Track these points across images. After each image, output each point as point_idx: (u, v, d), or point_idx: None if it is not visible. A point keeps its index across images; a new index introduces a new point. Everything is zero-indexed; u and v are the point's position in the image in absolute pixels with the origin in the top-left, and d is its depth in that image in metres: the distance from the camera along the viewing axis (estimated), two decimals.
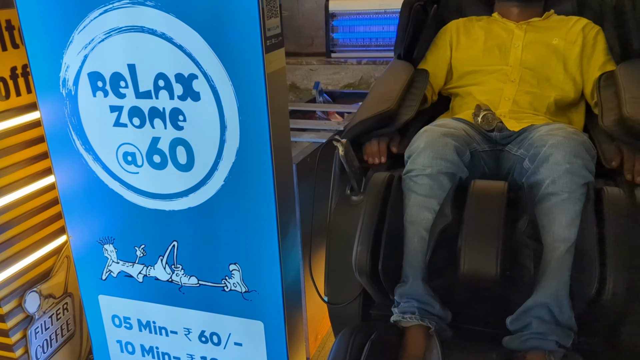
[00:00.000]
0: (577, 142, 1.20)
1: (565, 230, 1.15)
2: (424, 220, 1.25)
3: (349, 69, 3.14)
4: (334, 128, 1.79)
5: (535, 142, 1.27)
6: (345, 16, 3.11)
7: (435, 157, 1.27)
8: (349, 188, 1.45)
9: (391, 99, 1.51)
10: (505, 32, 1.71)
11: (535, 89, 1.57)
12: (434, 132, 1.32)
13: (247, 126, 1.24)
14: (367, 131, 1.46)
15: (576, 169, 1.17)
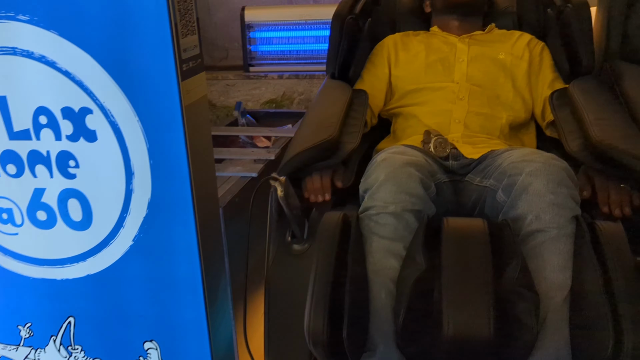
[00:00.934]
0: (559, 168, 1.04)
1: (559, 274, 0.98)
2: (390, 269, 1.03)
3: (269, 83, 2.91)
4: (264, 157, 1.56)
5: (508, 170, 1.10)
6: (263, 27, 2.88)
7: (399, 191, 1.07)
8: (289, 234, 1.21)
9: (331, 126, 1.30)
10: (447, 46, 1.56)
11: (485, 109, 1.42)
12: (394, 161, 1.11)
13: (161, 171, 0.98)
14: (307, 164, 1.24)
15: (562, 199, 1.01)
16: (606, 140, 1.12)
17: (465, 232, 1.00)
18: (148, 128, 0.94)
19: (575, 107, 1.31)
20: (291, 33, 2.89)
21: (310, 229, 1.19)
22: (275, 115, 2.11)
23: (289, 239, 1.20)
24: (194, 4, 0.94)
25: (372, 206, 1.08)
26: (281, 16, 2.85)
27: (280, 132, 1.79)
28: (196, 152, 0.97)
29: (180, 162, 0.96)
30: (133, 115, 0.94)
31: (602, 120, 1.20)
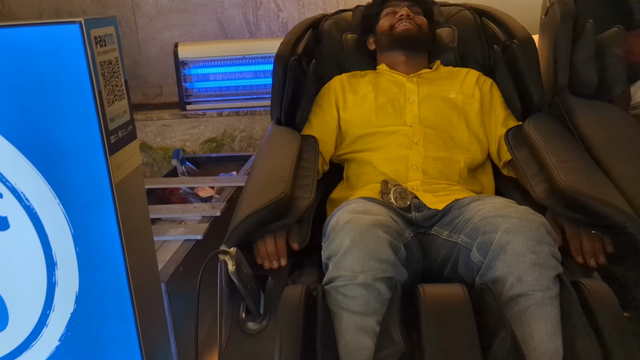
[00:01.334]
0: (537, 224, 0.97)
1: (549, 343, 0.89)
2: (365, 349, 0.92)
3: (208, 122, 2.77)
4: (209, 214, 1.42)
5: (481, 226, 1.01)
6: (199, 63, 2.75)
7: (368, 257, 0.96)
8: (243, 310, 1.08)
9: (283, 181, 1.19)
10: (396, 87, 1.49)
11: (442, 153, 1.35)
12: (359, 223, 1.00)
13: (90, 260, 0.83)
14: (258, 227, 1.11)
15: (543, 259, 0.93)
16: (575, 185, 1.07)
17: (445, 304, 0.90)
18: (72, 212, 0.80)
19: (534, 148, 1.26)
20: (228, 69, 2.78)
21: (267, 302, 1.06)
22: (217, 160, 1.98)
23: (243, 316, 1.07)
24: (120, 65, 0.81)
25: (338, 276, 0.97)
26: (216, 52, 2.74)
27: (224, 182, 1.66)
28: (131, 235, 0.84)
29: (112, 248, 0.82)
30: (53, 197, 0.79)
31: (566, 163, 1.15)
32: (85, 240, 0.82)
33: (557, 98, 1.50)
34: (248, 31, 3.10)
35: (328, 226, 1.13)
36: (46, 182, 0.79)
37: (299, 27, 1.67)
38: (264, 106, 2.76)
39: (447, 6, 1.76)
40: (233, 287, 1.06)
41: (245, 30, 3.10)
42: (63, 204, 0.80)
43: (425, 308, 0.89)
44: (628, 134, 1.26)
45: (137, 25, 3.06)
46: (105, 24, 0.77)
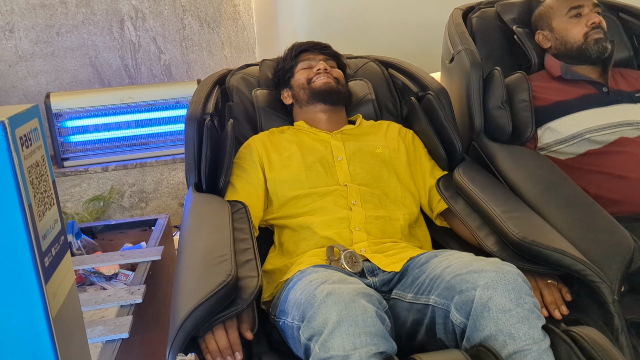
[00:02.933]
0: (514, 275, 0.94)
1: None
2: None
3: (92, 178, 2.49)
4: (129, 302, 1.23)
5: (455, 285, 0.97)
6: (75, 114, 2.47)
7: (358, 332, 0.87)
8: None
9: (226, 260, 1.05)
10: (321, 144, 1.43)
11: (381, 212, 1.31)
12: (342, 294, 0.91)
13: None
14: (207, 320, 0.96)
15: (529, 310, 0.91)
16: (528, 237, 1.08)
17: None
18: None
19: (472, 199, 1.27)
20: (109, 118, 2.54)
21: None
22: (116, 228, 1.76)
23: None
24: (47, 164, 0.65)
25: (328, 357, 0.86)
26: (95, 101, 2.49)
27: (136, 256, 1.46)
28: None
29: None
30: None
31: (510, 213, 1.17)
32: None
33: (474, 143, 1.54)
34: (127, 75, 2.88)
35: (287, 301, 1.02)
36: None
37: (206, 84, 1.56)
38: (154, 156, 2.56)
39: (353, 58, 1.76)
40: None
41: (124, 74, 2.87)
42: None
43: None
44: (553, 179, 1.32)
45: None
46: (29, 117, 0.61)
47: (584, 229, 1.14)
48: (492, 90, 1.53)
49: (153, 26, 2.83)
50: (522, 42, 1.66)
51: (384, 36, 2.36)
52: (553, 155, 1.53)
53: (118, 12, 2.77)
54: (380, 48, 2.01)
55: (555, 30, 1.62)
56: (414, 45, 2.28)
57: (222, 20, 2.93)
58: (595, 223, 1.16)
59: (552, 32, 1.62)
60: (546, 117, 1.53)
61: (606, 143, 1.46)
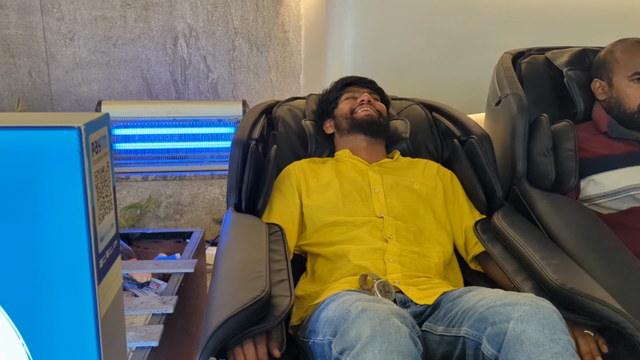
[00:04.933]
0: (550, 310, 0.93)
1: None
2: None
3: (132, 186, 2.56)
4: (160, 311, 1.25)
5: (489, 316, 0.96)
6: (123, 123, 2.56)
7: (391, 350, 0.86)
8: None
9: (261, 276, 1.07)
10: (359, 175, 1.45)
11: (415, 247, 1.31)
12: (377, 312, 0.91)
13: None
14: (237, 332, 0.97)
15: (563, 347, 0.89)
16: (567, 284, 1.06)
17: None
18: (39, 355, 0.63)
19: (511, 243, 1.26)
20: (155, 130, 2.61)
21: None
22: (152, 237, 1.79)
23: None
24: (111, 170, 0.68)
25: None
26: (144, 112, 2.57)
27: (170, 267, 1.49)
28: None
29: None
30: (16, 337, 0.62)
31: (550, 260, 1.15)
32: None
33: (515, 188, 1.53)
34: (175, 90, 2.97)
35: (319, 320, 1.03)
36: (8, 317, 0.62)
37: (254, 111, 1.63)
38: (193, 170, 2.62)
39: (397, 100, 1.80)
40: None
41: (172, 89, 2.96)
42: (29, 346, 0.63)
43: None
44: (594, 230, 1.30)
45: (51, 77, 2.81)
46: (100, 125, 0.65)
47: (624, 282, 1.12)
48: (537, 137, 1.52)
49: (205, 45, 2.92)
50: (570, 87, 1.65)
51: (431, 76, 2.39)
52: (595, 208, 1.50)
53: (173, 29, 2.87)
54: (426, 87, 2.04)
55: (614, 87, 1.56)
56: (460, 86, 2.30)
57: (271, 45, 3.00)
58: (635, 277, 1.14)
59: (611, 88, 1.57)
60: (590, 169, 1.51)
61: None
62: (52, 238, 0.60)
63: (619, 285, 1.12)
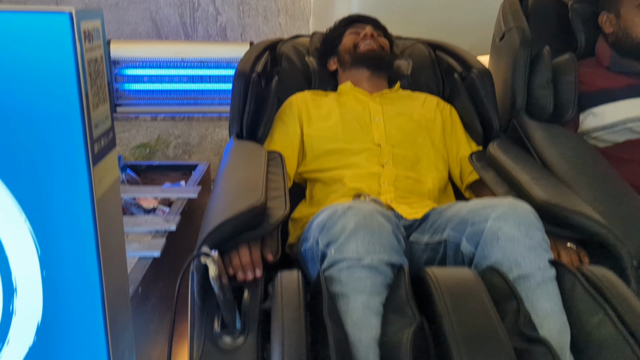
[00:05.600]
0: (526, 210, 0.97)
1: (556, 320, 0.87)
2: (373, 328, 0.86)
3: (141, 125, 2.60)
4: (163, 229, 1.31)
5: (469, 218, 1.00)
6: (132, 63, 2.58)
7: (373, 241, 0.92)
8: (218, 324, 0.98)
9: (257, 189, 1.11)
10: (360, 105, 1.48)
11: (411, 173, 1.34)
12: (361, 209, 0.96)
13: (58, 285, 0.72)
14: (233, 235, 1.02)
15: (537, 242, 0.93)
16: (552, 199, 1.09)
17: (457, 281, 0.88)
18: (41, 231, 0.69)
19: (503, 168, 1.28)
20: (163, 71, 2.63)
21: (244, 316, 0.98)
22: (159, 169, 1.85)
23: (217, 330, 0.97)
24: (104, 64, 0.71)
25: (342, 259, 0.91)
26: (153, 52, 2.58)
27: (174, 193, 1.54)
28: (108, 257, 0.73)
29: (87, 273, 0.71)
30: (18, 214, 0.68)
31: (538, 180, 1.18)
32: (54, 263, 0.70)
33: (514, 120, 1.54)
34: (184, 33, 2.97)
35: (310, 228, 1.08)
36: (11, 195, 0.67)
37: (257, 47, 1.66)
38: (201, 112, 2.65)
39: (402, 39, 1.80)
40: (206, 298, 0.98)
41: (181, 31, 2.96)
42: (30, 222, 0.68)
43: (436, 285, 0.87)
44: (587, 158, 1.32)
45: None
46: (92, 16, 0.68)
47: (611, 206, 1.14)
48: (538, 69, 1.52)
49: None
50: (574, 21, 1.64)
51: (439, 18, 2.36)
52: (592, 142, 1.52)
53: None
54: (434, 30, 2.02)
55: (621, 18, 1.54)
56: (466, 25, 2.27)
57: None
58: (623, 201, 1.16)
59: (618, 19, 1.55)
60: (590, 102, 1.51)
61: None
62: (49, 118, 0.64)
63: (608, 210, 1.14)
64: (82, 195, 0.68)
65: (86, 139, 0.66)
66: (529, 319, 0.86)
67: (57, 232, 0.69)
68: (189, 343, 0.95)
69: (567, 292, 0.91)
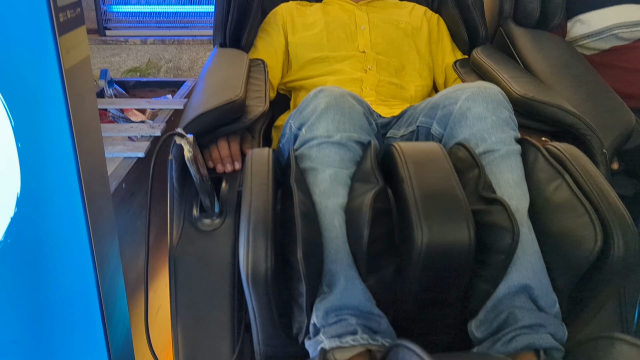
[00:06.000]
0: (495, 91, 0.98)
1: (516, 190, 0.89)
2: (340, 197, 0.88)
3: (131, 49, 2.58)
4: (148, 134, 1.33)
5: (440, 102, 1.02)
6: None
7: (343, 120, 0.93)
8: (197, 207, 1.02)
9: (236, 87, 1.12)
10: (345, 14, 1.46)
11: (394, 79, 1.35)
12: (333, 91, 0.97)
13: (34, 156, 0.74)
14: (211, 128, 1.04)
15: (504, 120, 0.94)
16: (528, 94, 1.09)
17: (421, 151, 0.90)
18: (12, 101, 0.70)
19: (485, 70, 1.29)
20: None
21: (222, 203, 1.01)
22: (147, 85, 1.85)
23: (196, 214, 1.01)
24: None
25: (312, 137, 0.93)
26: None
27: (160, 104, 1.55)
28: (81, 131, 0.75)
29: (61, 144, 0.73)
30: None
31: (517, 78, 1.18)
32: (28, 134, 0.72)
33: (501, 28, 1.53)
34: None
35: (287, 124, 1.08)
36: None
37: None
38: (192, 35, 2.61)
39: None
40: (185, 185, 1.01)
41: None
42: (2, 92, 0.70)
43: (400, 154, 0.89)
44: (569, 60, 1.31)
45: None
46: None
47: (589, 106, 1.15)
48: None
49: None
50: None
51: None
52: (579, 50, 1.51)
53: None
54: None
55: None
56: None
57: None
58: (601, 101, 1.17)
59: None
60: (578, 8, 1.49)
61: (633, 40, 1.43)
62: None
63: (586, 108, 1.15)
64: (50, 65, 0.69)
65: (49, 5, 0.66)
66: (489, 184, 0.88)
67: (29, 102, 0.71)
68: (169, 226, 0.99)
69: (530, 164, 0.92)
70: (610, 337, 0.66)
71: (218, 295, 0.93)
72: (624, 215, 0.79)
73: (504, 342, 0.81)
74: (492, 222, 0.83)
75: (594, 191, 0.82)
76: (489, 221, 0.83)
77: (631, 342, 0.63)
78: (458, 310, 0.86)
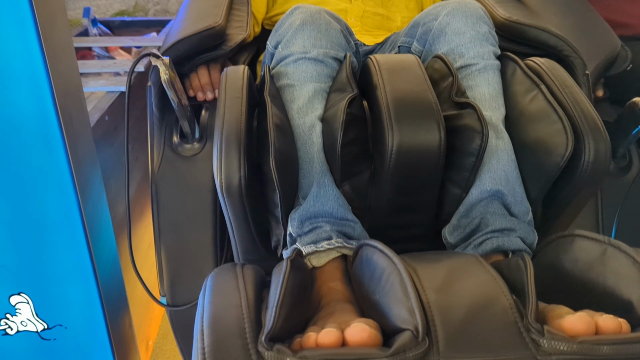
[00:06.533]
0: (476, 6, 0.96)
1: (492, 102, 0.89)
2: (316, 109, 0.88)
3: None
4: None
5: (420, 20, 1.00)
6: None
7: (320, 37, 0.91)
8: (177, 133, 1.02)
9: (217, 15, 1.10)
10: None
11: (380, 10, 1.32)
12: (309, 9, 0.95)
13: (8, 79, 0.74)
14: (190, 54, 1.03)
15: (483, 35, 0.93)
16: (512, 17, 1.08)
17: (396, 62, 0.89)
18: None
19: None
20: None
21: (202, 129, 1.02)
22: (132, 25, 1.81)
23: (176, 140, 1.02)
24: None
25: (289, 54, 0.91)
26: None
27: (144, 42, 1.53)
28: (54, 52, 0.75)
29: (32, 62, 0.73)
30: None
31: (503, 3, 1.16)
32: None
33: None
34: None
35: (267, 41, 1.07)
36: None
37: None
38: None
39: None
40: (165, 109, 1.01)
41: None
42: None
43: (375, 64, 0.88)
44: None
45: None
46: None
47: (575, 30, 1.13)
48: None
49: None
50: None
51: None
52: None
53: None
54: None
55: None
56: None
57: None
58: (589, 27, 1.15)
59: None
60: None
61: None
62: None
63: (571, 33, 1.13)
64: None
65: None
66: (462, 91, 0.88)
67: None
68: (149, 152, 0.99)
69: (508, 78, 0.92)
70: (571, 235, 0.67)
71: (200, 218, 0.94)
72: (596, 121, 0.79)
73: (475, 246, 0.83)
74: (463, 125, 0.83)
75: (568, 100, 0.82)
76: (460, 124, 0.83)
77: (590, 237, 0.65)
78: (432, 215, 0.87)
